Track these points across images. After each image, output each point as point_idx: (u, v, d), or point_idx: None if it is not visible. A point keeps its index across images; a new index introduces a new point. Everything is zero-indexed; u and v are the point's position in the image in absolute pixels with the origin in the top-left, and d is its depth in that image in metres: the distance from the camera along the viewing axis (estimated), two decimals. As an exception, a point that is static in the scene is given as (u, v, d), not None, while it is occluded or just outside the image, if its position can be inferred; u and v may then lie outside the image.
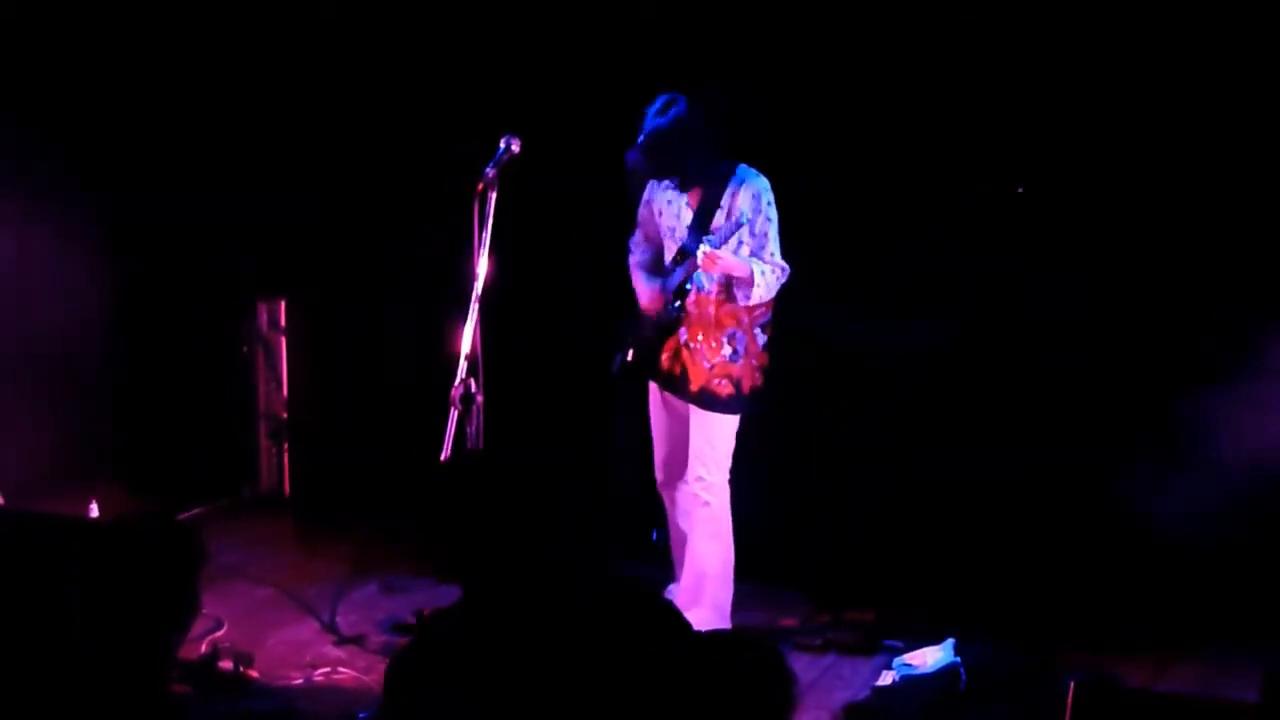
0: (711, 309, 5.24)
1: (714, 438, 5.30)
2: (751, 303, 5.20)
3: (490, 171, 5.09)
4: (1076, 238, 5.68)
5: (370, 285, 6.91)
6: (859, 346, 5.83)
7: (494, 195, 5.07)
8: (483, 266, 5.10)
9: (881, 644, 5.38)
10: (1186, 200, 5.54)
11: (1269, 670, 4.58)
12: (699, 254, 5.06)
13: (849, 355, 5.85)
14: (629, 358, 5.41)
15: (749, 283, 5.15)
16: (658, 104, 5.12)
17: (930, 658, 4.99)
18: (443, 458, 4.95)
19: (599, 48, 6.16)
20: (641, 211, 5.45)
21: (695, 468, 5.34)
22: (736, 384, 5.26)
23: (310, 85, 6.75)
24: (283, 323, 7.18)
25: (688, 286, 5.25)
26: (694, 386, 5.27)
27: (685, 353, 5.27)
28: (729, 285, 5.21)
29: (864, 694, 4.99)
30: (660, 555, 5.76)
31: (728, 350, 5.24)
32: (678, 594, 5.43)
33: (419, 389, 6.54)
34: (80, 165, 6.49)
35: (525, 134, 5.17)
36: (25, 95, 6.30)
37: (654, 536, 6.02)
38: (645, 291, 5.40)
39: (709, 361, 5.24)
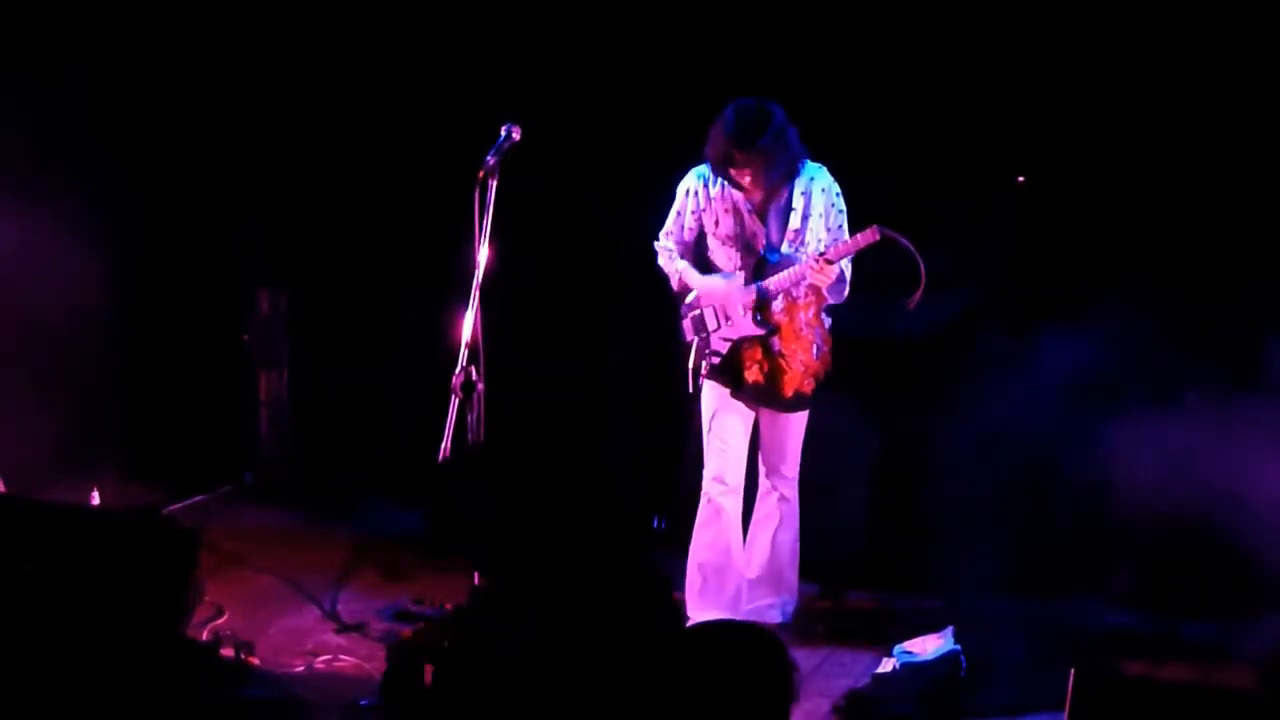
0: (801, 315, 5.14)
1: (798, 434, 5.33)
2: (842, 300, 5.15)
3: (491, 159, 5.05)
4: (1076, 233, 5.70)
5: (371, 273, 6.92)
6: (858, 333, 5.83)
7: (494, 183, 5.05)
8: (483, 255, 5.08)
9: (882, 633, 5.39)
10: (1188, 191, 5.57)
11: (1268, 662, 4.60)
12: (810, 264, 4.95)
13: (847, 342, 5.85)
14: (705, 374, 5.29)
15: (842, 279, 5.09)
16: (748, 102, 4.97)
17: (931, 645, 4.99)
18: (443, 445, 4.93)
19: (596, 40, 6.16)
20: (684, 219, 5.29)
21: (779, 467, 5.36)
22: (816, 378, 5.21)
23: (313, 76, 6.75)
24: (285, 310, 7.18)
25: (776, 301, 5.11)
26: (788, 393, 5.18)
27: (780, 362, 5.15)
28: (818, 288, 5.09)
29: (864, 681, 5.00)
30: (660, 542, 5.76)
31: (813, 350, 5.17)
32: (754, 588, 5.41)
33: (420, 376, 6.56)
34: (83, 154, 6.49)
35: (526, 123, 5.15)
36: (29, 87, 6.30)
37: (655, 523, 6.02)
38: (717, 283, 5.20)
39: (802, 365, 5.16)
